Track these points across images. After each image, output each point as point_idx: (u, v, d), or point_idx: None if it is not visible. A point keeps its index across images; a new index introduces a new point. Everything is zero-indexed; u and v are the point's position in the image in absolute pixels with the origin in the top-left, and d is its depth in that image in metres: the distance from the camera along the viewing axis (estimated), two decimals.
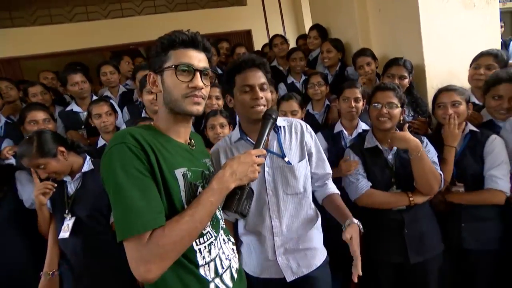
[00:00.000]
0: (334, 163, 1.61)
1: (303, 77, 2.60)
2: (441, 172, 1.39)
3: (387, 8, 2.21)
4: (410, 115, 1.88)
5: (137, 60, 3.38)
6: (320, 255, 1.23)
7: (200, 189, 0.83)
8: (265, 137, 0.96)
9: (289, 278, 1.15)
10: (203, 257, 0.80)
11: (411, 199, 1.38)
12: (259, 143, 0.93)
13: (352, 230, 1.05)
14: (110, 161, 0.70)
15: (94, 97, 2.29)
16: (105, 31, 4.12)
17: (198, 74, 0.80)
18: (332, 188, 1.28)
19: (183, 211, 0.73)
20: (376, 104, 1.43)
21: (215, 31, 4.49)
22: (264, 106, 1.09)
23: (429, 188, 1.36)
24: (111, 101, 2.19)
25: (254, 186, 1.11)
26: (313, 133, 1.25)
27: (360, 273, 0.98)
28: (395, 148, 1.45)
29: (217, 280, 0.83)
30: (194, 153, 0.88)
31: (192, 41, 0.81)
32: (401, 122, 1.48)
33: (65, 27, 4.08)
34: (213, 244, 0.84)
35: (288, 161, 1.14)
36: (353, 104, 1.74)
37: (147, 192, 0.70)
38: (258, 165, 0.84)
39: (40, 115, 1.84)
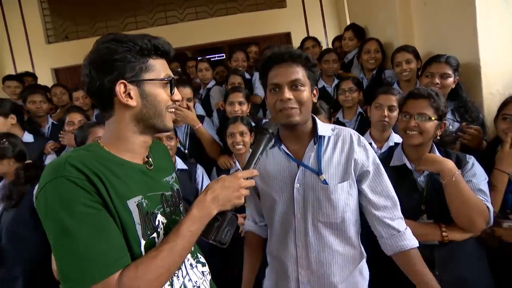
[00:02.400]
0: None
1: (336, 81, 2.38)
2: (489, 205, 1.09)
3: (435, 0, 1.89)
4: (455, 120, 1.56)
5: (190, 63, 3.45)
6: None
7: (159, 216, 0.73)
8: (258, 155, 0.82)
9: None
10: None
11: (444, 234, 1.11)
12: (250, 162, 0.81)
13: None
14: (46, 202, 0.58)
15: None
16: None
17: (175, 86, 0.75)
18: (409, 239, 0.93)
19: (160, 245, 0.65)
20: (405, 115, 1.20)
21: (255, 35, 4.47)
22: (295, 108, 0.89)
23: (469, 223, 1.09)
24: None
25: (280, 202, 0.96)
26: (369, 149, 0.97)
27: None
28: None
29: None
30: (152, 174, 0.76)
31: (169, 52, 0.75)
32: (439, 136, 1.22)
33: None
34: (176, 274, 0.74)
35: (325, 180, 0.91)
36: (386, 112, 1.51)
37: (105, 229, 0.60)
38: (247, 187, 0.76)
39: (76, 117, 2.01)
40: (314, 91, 0.96)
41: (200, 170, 1.74)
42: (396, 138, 1.56)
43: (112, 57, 0.67)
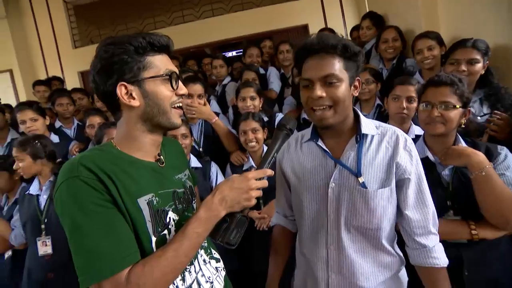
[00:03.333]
0: None
1: None
2: None
3: None
4: (483, 112, 1.43)
5: (205, 60, 3.51)
6: None
7: (170, 213, 0.73)
8: (274, 153, 0.78)
9: None
10: (176, 287, 0.72)
11: (473, 232, 1.02)
12: (265, 161, 0.77)
13: None
14: (62, 201, 0.62)
15: None
16: (171, 37, 4.48)
17: (180, 80, 0.74)
18: (438, 257, 0.87)
19: (166, 245, 0.66)
20: (426, 104, 1.11)
21: (271, 29, 4.40)
22: (329, 108, 0.81)
23: (502, 221, 0.99)
24: None
25: (313, 200, 0.90)
26: (415, 152, 0.88)
27: None
28: None
29: None
30: (164, 171, 0.77)
31: (168, 47, 0.74)
32: (464, 125, 1.12)
33: None
34: (188, 270, 0.75)
35: (363, 182, 0.83)
36: (404, 104, 1.42)
37: (114, 227, 0.62)
38: (258, 188, 0.72)
39: (96, 119, 2.09)
40: (356, 83, 0.86)
41: (214, 168, 1.74)
42: (417, 130, 1.47)
43: (110, 60, 0.67)
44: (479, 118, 1.43)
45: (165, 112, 0.72)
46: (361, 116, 0.90)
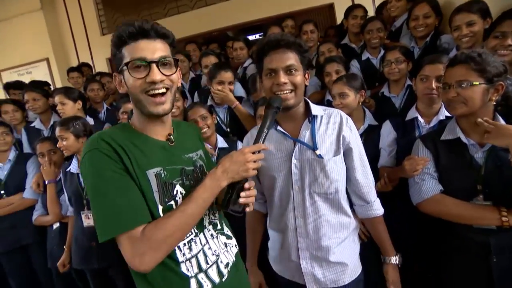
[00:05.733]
0: (400, 158, 1.31)
1: (382, 52, 2.17)
2: None
3: None
4: None
5: (228, 43, 3.50)
6: (352, 271, 1.06)
7: (178, 187, 0.81)
8: (265, 129, 0.87)
9: (310, 285, 1.05)
10: (183, 254, 0.80)
11: (504, 218, 0.98)
12: (259, 137, 0.86)
13: (390, 276, 1.06)
14: (85, 169, 0.72)
15: None
16: (192, 22, 4.50)
17: (153, 66, 0.74)
18: (377, 209, 1.08)
19: (177, 207, 0.75)
20: (444, 86, 1.07)
21: (294, 9, 4.26)
22: (290, 91, 0.98)
23: None
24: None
25: (279, 178, 1.05)
26: (354, 128, 1.07)
27: None
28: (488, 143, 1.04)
29: (201, 275, 0.81)
30: (173, 150, 0.85)
31: (141, 31, 0.74)
32: (496, 102, 1.04)
33: (162, 22, 4.51)
34: (193, 240, 0.83)
35: (320, 154, 0.99)
36: (434, 84, 1.34)
37: (129, 190, 0.71)
38: (255, 161, 0.81)
39: (129, 107, 2.18)
40: (306, 75, 1.04)
41: (240, 146, 1.79)
42: (447, 112, 1.38)
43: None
44: None
45: (138, 100, 0.77)
46: (310, 102, 1.07)
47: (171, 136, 0.86)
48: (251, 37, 6.05)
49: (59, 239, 1.85)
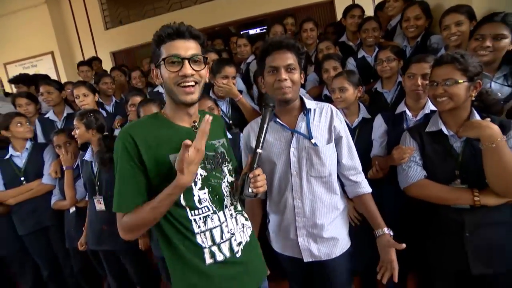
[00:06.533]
0: (391, 148, 1.46)
1: (377, 51, 2.30)
2: None
3: None
4: (506, 85, 1.44)
5: (232, 39, 3.50)
6: (342, 245, 1.21)
7: (199, 169, 0.92)
8: (266, 127, 1.00)
9: (306, 259, 1.19)
10: (198, 226, 0.93)
11: (476, 198, 1.13)
12: (261, 132, 0.99)
13: (389, 243, 1.12)
14: (114, 152, 0.91)
15: None
16: (195, 16, 4.59)
17: (186, 62, 0.87)
18: (364, 187, 1.22)
19: (150, 201, 0.87)
20: (432, 83, 1.20)
21: (295, 5, 4.36)
22: (289, 87, 1.11)
23: (505, 189, 1.09)
24: None
25: (279, 165, 1.18)
26: (343, 120, 1.23)
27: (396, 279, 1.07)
28: None
29: (214, 248, 0.94)
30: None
31: (178, 32, 0.88)
32: (474, 98, 1.18)
33: (165, 17, 4.73)
34: (210, 217, 0.95)
35: (315, 142, 1.14)
36: (419, 81, 1.48)
37: (130, 181, 0.87)
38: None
39: (137, 99, 2.31)
40: (302, 75, 1.18)
41: (242, 138, 1.91)
42: (432, 105, 1.52)
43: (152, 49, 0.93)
44: (499, 94, 1.45)
45: (171, 91, 0.90)
46: (304, 98, 1.21)
47: (196, 124, 0.98)
48: (252, 31, 6.14)
49: (75, 222, 2.00)
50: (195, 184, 0.92)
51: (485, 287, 1.20)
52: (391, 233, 1.14)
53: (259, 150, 0.97)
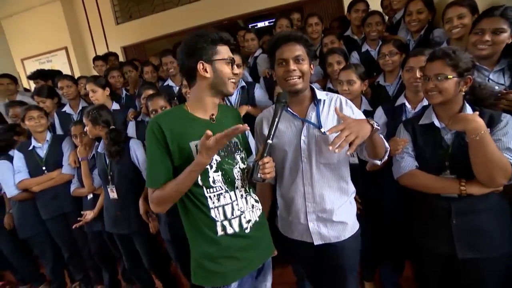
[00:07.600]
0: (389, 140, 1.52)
1: (380, 44, 2.32)
2: None
3: None
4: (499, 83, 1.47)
5: (240, 32, 3.57)
6: (351, 228, 1.27)
7: (214, 155, 1.05)
8: (277, 121, 1.08)
9: (317, 242, 1.25)
10: (213, 202, 1.08)
11: (462, 188, 1.20)
12: (271, 128, 1.07)
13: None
14: (146, 137, 1.07)
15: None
16: (204, 11, 4.66)
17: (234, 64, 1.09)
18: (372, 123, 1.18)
19: (174, 179, 1.03)
20: (425, 78, 1.26)
21: None
22: (299, 77, 1.17)
23: (488, 179, 1.15)
24: None
25: (290, 152, 1.24)
26: (355, 108, 1.25)
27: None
28: None
29: (226, 222, 1.09)
30: (213, 126, 1.07)
31: (229, 40, 1.10)
32: (465, 92, 1.23)
33: (174, 11, 4.82)
34: (222, 195, 1.10)
35: (324, 132, 1.18)
36: (418, 74, 1.53)
37: (159, 162, 1.03)
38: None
39: (150, 92, 2.42)
40: (312, 65, 1.22)
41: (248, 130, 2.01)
42: None
43: (195, 46, 1.04)
44: (497, 87, 1.49)
45: (225, 83, 1.09)
46: (315, 88, 1.26)
47: (214, 116, 1.13)
48: (260, 24, 6.15)
49: (92, 208, 2.16)
50: (211, 167, 1.07)
51: (470, 272, 1.28)
52: (375, 125, 1.09)
53: (269, 141, 1.06)
